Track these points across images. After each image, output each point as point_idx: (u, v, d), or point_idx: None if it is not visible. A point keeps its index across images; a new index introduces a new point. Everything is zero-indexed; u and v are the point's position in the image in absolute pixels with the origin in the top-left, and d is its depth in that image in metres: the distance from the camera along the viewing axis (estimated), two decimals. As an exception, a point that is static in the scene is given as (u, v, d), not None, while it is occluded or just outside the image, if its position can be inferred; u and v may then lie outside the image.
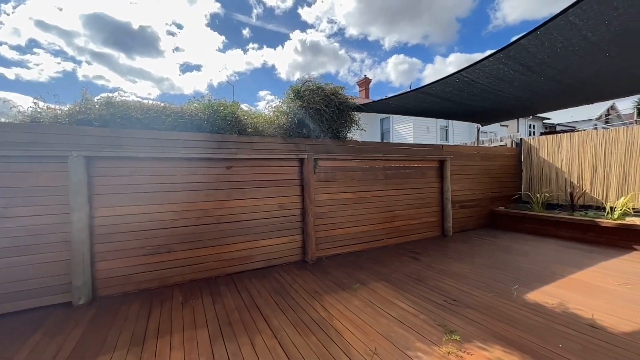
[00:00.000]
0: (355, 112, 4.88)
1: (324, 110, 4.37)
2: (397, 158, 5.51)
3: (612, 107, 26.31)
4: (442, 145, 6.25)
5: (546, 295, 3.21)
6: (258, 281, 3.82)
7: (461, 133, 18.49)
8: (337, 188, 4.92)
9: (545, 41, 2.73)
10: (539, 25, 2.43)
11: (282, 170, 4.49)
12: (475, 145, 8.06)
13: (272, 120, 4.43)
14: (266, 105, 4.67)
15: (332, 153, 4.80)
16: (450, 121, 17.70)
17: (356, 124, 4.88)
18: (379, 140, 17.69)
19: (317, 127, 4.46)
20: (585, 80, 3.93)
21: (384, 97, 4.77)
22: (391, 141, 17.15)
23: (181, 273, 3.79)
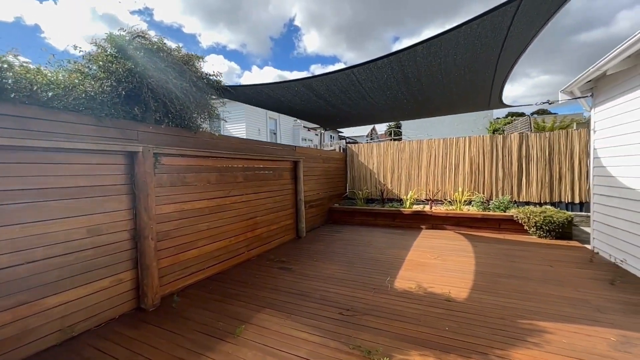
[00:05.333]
0: (215, 97, 3.77)
1: (172, 84, 3.02)
2: (257, 157, 4.86)
3: (374, 129, 37.74)
4: (295, 147, 6.20)
5: (405, 280, 3.69)
6: (49, 379, 2.03)
7: (286, 137, 20.11)
8: (188, 195, 3.62)
9: (431, 53, 3.03)
10: (440, 34, 2.65)
11: (95, 171, 2.72)
12: (319, 148, 8.74)
13: (72, 84, 2.56)
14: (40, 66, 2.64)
15: (181, 147, 3.46)
16: (277, 125, 18.78)
17: (215, 111, 3.78)
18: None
19: (162, 107, 3.03)
20: (430, 99, 4.85)
21: (263, 82, 3.98)
22: (221, 140, 15.93)
23: None
